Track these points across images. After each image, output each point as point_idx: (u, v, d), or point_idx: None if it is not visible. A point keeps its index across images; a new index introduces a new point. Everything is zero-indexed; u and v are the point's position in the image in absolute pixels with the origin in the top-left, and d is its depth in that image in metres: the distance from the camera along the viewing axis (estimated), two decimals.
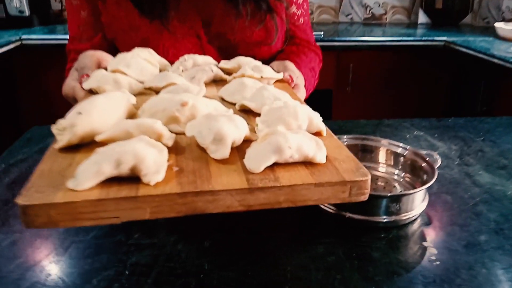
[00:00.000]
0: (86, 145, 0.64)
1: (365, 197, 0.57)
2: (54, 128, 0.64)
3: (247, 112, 0.80)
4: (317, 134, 0.69)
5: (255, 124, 0.69)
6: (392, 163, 1.09)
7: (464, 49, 2.63)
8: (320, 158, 0.59)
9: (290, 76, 1.04)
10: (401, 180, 1.06)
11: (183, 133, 0.67)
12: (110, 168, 0.53)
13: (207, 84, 0.99)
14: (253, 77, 0.95)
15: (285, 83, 1.02)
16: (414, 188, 1.02)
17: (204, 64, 1.11)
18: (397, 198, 0.83)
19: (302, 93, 1.10)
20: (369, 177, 0.56)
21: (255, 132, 0.68)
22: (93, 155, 0.56)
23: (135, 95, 0.87)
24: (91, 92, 0.89)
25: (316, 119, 0.69)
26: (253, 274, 0.70)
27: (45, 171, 0.57)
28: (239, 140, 0.63)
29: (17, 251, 0.76)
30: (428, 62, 2.82)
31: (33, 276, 0.69)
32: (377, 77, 2.76)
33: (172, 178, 0.55)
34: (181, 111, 0.69)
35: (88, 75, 0.99)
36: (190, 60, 1.09)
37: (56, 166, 0.58)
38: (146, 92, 0.91)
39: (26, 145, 1.21)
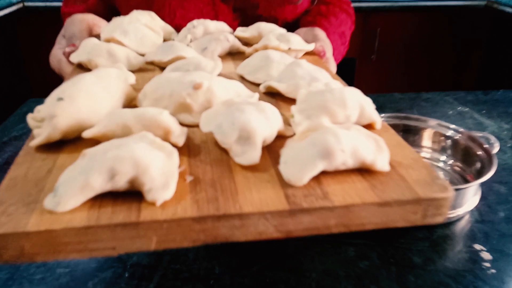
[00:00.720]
0: (71, 142, 0.50)
1: (442, 219, 0.44)
2: (30, 119, 0.50)
3: (274, 96, 0.65)
4: (368, 127, 0.55)
5: (289, 114, 0.55)
6: (439, 147, 0.95)
7: (509, 9, 2.40)
8: (382, 164, 0.45)
9: (322, 47, 0.88)
10: (448, 168, 0.92)
11: (197, 125, 0.54)
12: (101, 180, 0.40)
13: (221, 57, 0.84)
14: (278, 49, 0.80)
15: (314, 56, 0.87)
16: (464, 178, 0.89)
17: (217, 32, 0.95)
18: None
19: (333, 68, 0.95)
20: (452, 192, 0.42)
21: (290, 125, 0.54)
22: (79, 160, 0.43)
23: (134, 71, 0.73)
24: (80, 67, 0.75)
25: (369, 107, 0.55)
26: (271, 280, 0.59)
27: (17, 181, 0.44)
28: (270, 136, 0.50)
29: None
30: (465, 25, 2.58)
31: (22, 277, 0.62)
32: (405, 43, 2.53)
33: (185, 193, 0.42)
34: (194, 96, 0.55)
35: (75, 45, 0.85)
36: (200, 26, 0.93)
37: (32, 173, 0.45)
38: (148, 67, 0.77)
39: (21, 120, 1.11)
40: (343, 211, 0.41)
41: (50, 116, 0.47)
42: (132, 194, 0.41)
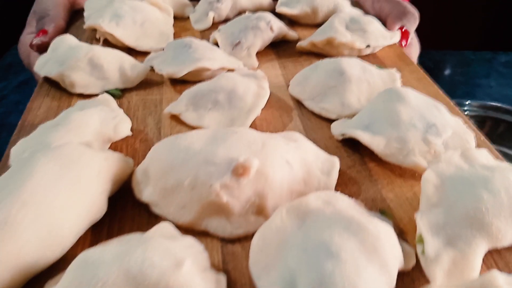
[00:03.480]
0: None
1: None
2: None
3: (359, 149, 0.41)
4: None
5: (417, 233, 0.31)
6: None
7: None
8: None
9: (404, 30, 0.61)
10: None
11: (238, 239, 0.32)
12: None
13: (262, 54, 0.58)
14: (352, 46, 0.54)
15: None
16: None
17: (251, 6, 0.68)
18: None
19: (416, 51, 0.68)
20: None
21: (414, 255, 0.31)
22: None
23: (132, 88, 0.49)
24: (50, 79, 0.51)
25: None
26: None
27: None
28: None
29: None
30: None
31: None
32: None
33: None
34: (234, 188, 0.32)
35: (46, 32, 0.60)
36: None
37: None
38: (154, 79, 0.52)
39: (3, 77, 0.96)
40: None
41: None
42: None
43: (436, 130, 0.39)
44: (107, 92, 0.48)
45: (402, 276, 0.30)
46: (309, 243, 0.27)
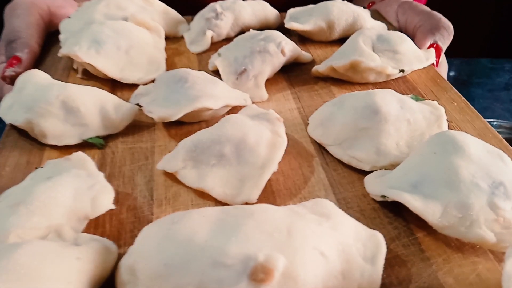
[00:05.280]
0: None
1: None
2: None
3: (402, 213, 0.34)
4: None
5: None
6: None
7: None
8: None
9: (437, 46, 0.54)
10: None
11: None
12: None
13: (271, 81, 0.51)
14: (383, 71, 0.46)
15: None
16: None
17: (256, 22, 0.60)
18: None
19: (444, 67, 0.62)
20: None
21: None
22: None
23: (120, 134, 0.42)
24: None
25: None
26: None
27: None
28: None
29: None
30: None
31: None
32: None
33: None
34: None
35: (19, 60, 0.53)
36: (228, 14, 0.58)
37: None
38: (144, 121, 0.44)
39: None
40: None
41: None
42: None
43: (504, 191, 0.32)
44: (86, 141, 0.41)
45: None
46: None
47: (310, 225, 0.28)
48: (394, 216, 0.35)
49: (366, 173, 0.38)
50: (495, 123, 0.80)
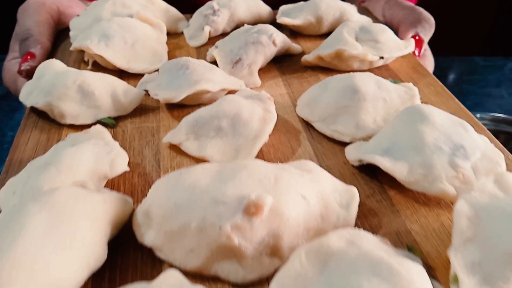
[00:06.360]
0: None
1: None
2: None
3: (376, 175, 0.40)
4: None
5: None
6: None
7: None
8: None
9: (419, 39, 0.61)
10: None
11: (251, 284, 0.31)
12: None
13: (264, 70, 0.57)
14: (364, 59, 0.53)
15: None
16: None
17: (250, 18, 0.68)
18: None
19: (431, 62, 0.68)
20: None
21: None
22: None
23: (125, 116, 0.48)
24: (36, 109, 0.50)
25: None
26: None
27: None
28: None
29: None
30: None
31: None
32: None
33: None
34: (246, 229, 0.31)
35: (33, 55, 0.59)
36: (223, 10, 0.65)
37: None
38: (148, 105, 0.51)
39: None
40: None
41: None
42: None
43: (464, 153, 0.38)
44: (99, 121, 0.47)
45: None
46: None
47: (294, 176, 0.34)
48: (370, 179, 0.41)
49: (346, 144, 0.44)
50: (478, 115, 0.86)
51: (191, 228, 0.31)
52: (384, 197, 0.39)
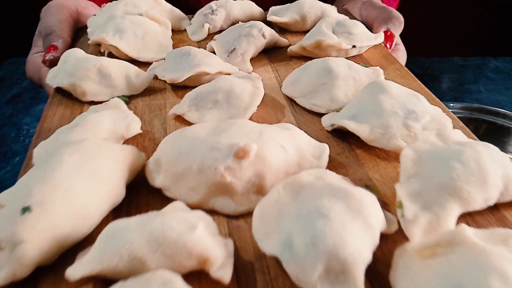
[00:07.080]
0: (52, 268, 0.35)
1: None
2: None
3: (347, 138, 0.48)
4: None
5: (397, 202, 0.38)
6: None
7: None
8: None
9: (390, 34, 0.69)
10: None
11: (242, 215, 0.38)
12: None
13: (256, 59, 0.65)
14: (339, 48, 0.61)
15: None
16: None
17: (244, 17, 0.76)
18: None
19: (403, 56, 0.76)
20: None
21: (396, 222, 0.37)
22: None
23: (137, 95, 0.56)
24: (61, 90, 0.57)
25: None
26: None
27: None
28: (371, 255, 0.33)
29: None
30: None
31: None
32: None
33: None
34: (236, 169, 0.38)
35: (55, 48, 0.67)
36: (221, 10, 0.73)
37: None
38: (156, 86, 0.59)
39: None
40: None
41: (13, 242, 0.31)
42: None
43: (415, 116, 0.46)
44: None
45: (386, 238, 0.36)
46: (303, 210, 0.33)
47: (275, 131, 0.42)
48: (340, 141, 0.48)
49: (322, 115, 0.52)
50: (451, 104, 0.94)
51: (192, 170, 0.39)
52: (352, 154, 0.47)
